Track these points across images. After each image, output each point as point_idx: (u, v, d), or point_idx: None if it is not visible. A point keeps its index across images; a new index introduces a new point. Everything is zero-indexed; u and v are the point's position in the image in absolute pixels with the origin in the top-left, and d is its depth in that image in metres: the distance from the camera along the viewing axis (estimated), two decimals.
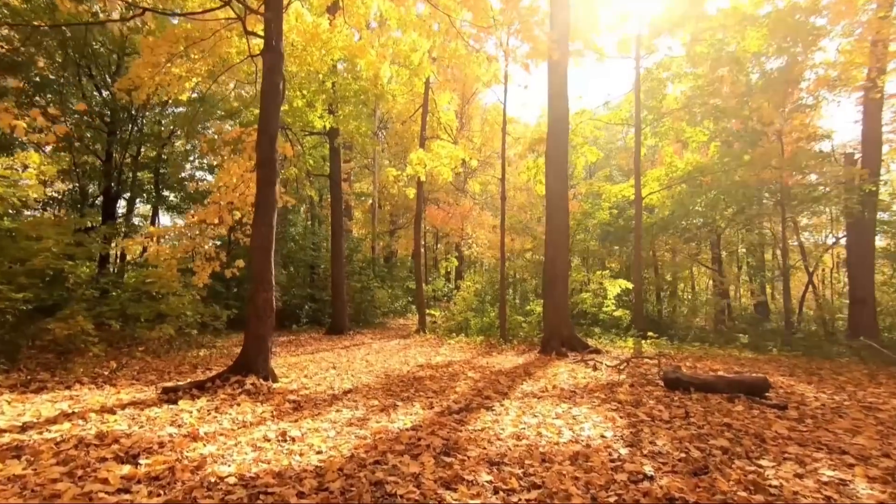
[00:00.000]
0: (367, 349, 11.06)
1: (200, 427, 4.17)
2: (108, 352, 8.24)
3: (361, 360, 9.15)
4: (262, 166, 6.42)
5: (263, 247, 6.29)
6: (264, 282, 6.21)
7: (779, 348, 11.20)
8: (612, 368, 7.49)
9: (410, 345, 11.97)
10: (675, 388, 5.89)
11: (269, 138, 6.44)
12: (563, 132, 10.67)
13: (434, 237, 30.23)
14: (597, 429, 4.33)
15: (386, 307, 19.67)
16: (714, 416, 4.73)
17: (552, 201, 10.62)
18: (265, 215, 6.34)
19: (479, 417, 4.70)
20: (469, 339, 12.42)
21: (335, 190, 14.59)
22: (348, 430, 4.26)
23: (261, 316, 6.15)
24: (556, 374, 7.14)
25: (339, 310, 14.46)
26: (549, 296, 10.46)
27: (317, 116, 13.22)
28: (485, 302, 15.59)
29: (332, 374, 7.35)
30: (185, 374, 6.96)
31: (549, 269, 10.50)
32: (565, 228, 10.59)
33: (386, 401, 5.48)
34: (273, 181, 6.43)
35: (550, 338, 10.14)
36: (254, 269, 6.27)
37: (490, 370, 7.77)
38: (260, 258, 6.26)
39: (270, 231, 6.35)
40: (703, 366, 8.02)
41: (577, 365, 8.15)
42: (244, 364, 6.07)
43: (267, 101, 6.45)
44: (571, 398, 5.55)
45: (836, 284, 22.44)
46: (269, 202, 6.39)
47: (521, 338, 12.36)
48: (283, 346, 11.47)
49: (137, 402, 5.02)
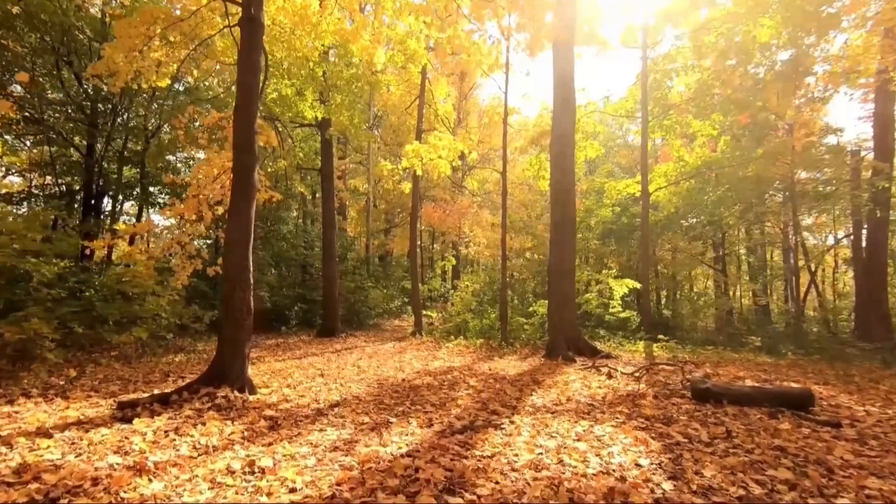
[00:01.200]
0: (360, 353, 10.33)
1: (152, 454, 3.44)
2: (74, 358, 7.49)
3: (353, 365, 8.43)
4: (240, 151, 5.69)
5: (240, 241, 5.56)
6: (241, 280, 5.49)
7: (792, 351, 10.63)
8: (628, 376, 6.81)
9: (406, 348, 11.25)
10: (705, 401, 5.22)
11: (248, 119, 5.71)
12: (569, 120, 10.01)
13: (430, 236, 29.50)
14: (629, 454, 3.63)
15: (380, 308, 18.93)
16: (760, 436, 4.06)
17: (557, 194, 9.96)
18: (242, 206, 5.61)
19: (486, 439, 4.00)
20: (468, 342, 11.73)
21: (326, 185, 13.85)
22: (331, 458, 3.55)
23: (237, 319, 5.42)
24: (568, 383, 6.44)
25: (331, 311, 13.72)
26: (554, 295, 9.79)
27: (307, 106, 12.48)
28: (484, 303, 14.88)
29: (318, 382, 6.63)
30: (153, 384, 6.21)
31: (555, 267, 9.83)
32: (572, 223, 9.92)
33: (378, 416, 4.76)
34: (252, 167, 5.70)
35: (556, 341, 9.46)
36: (229, 266, 5.54)
37: (493, 377, 7.07)
38: (236, 254, 5.53)
39: (248, 224, 5.62)
40: (724, 372, 7.36)
41: (588, 372, 7.47)
42: (217, 373, 5.33)
43: (245, 77, 5.73)
44: (590, 413, 4.85)
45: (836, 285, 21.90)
46: (248, 191, 5.67)
47: (523, 341, 11.67)
48: (269, 349, 10.73)
49: (85, 420, 4.28)
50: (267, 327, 14.99)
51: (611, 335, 12.02)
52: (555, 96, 10.16)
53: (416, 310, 13.91)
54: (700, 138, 14.36)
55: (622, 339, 11.55)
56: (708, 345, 11.74)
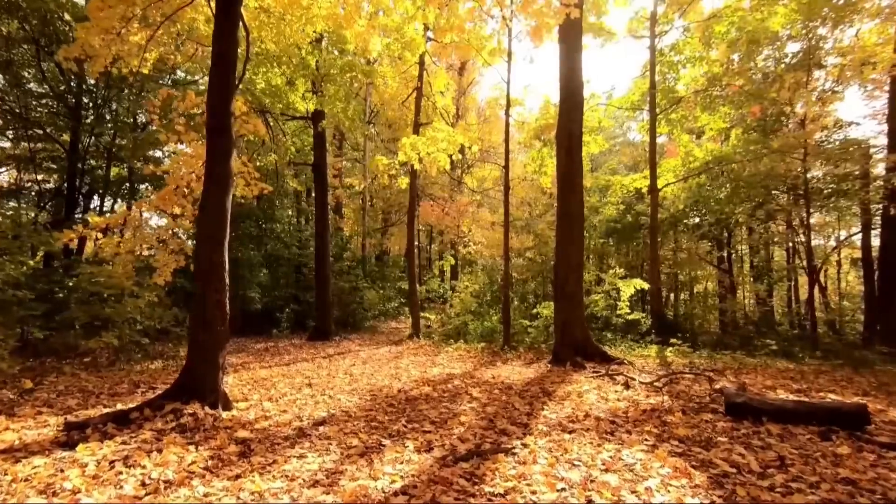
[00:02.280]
0: (353, 358, 9.68)
1: (87, 496, 2.79)
2: (36, 367, 6.81)
3: (345, 373, 7.77)
4: (215, 133, 5.04)
5: (213, 235, 4.91)
6: (214, 280, 4.83)
7: (809, 356, 10.07)
8: (647, 386, 6.17)
9: (403, 353, 10.60)
10: (741, 417, 4.59)
11: (224, 96, 5.06)
12: (577, 109, 9.38)
13: (428, 236, 28.83)
14: (671, 490, 2.99)
15: (376, 309, 18.27)
16: (819, 464, 3.43)
17: (564, 186, 9.32)
18: (216, 195, 4.96)
19: (496, 469, 3.35)
20: (468, 346, 11.09)
21: (319, 180, 13.19)
22: (310, 496, 2.90)
23: (209, 324, 4.76)
24: (582, 395, 5.80)
25: (324, 312, 13.06)
26: (560, 296, 9.15)
27: (298, 97, 11.83)
28: (484, 304, 14.24)
29: (304, 394, 5.97)
30: (118, 397, 5.54)
31: (561, 266, 9.20)
32: (579, 218, 9.29)
33: (369, 437, 4.12)
34: (228, 152, 5.05)
35: (563, 345, 8.83)
36: (201, 262, 4.89)
37: (498, 387, 6.43)
38: (208, 250, 4.87)
39: (223, 215, 4.97)
40: (750, 381, 6.73)
41: (601, 380, 6.83)
42: (186, 386, 4.67)
43: (221, 46, 5.07)
44: (614, 433, 4.22)
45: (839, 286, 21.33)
46: (223, 179, 5.01)
47: (526, 345, 11.04)
48: (256, 354, 10.06)
49: (19, 447, 3.62)
50: (257, 330, 14.33)
51: (618, 338, 11.40)
52: (561, 83, 9.53)
53: (414, 312, 13.26)
54: (709, 132, 13.76)
55: (631, 342, 10.93)
56: (720, 348, 11.14)
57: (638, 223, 17.73)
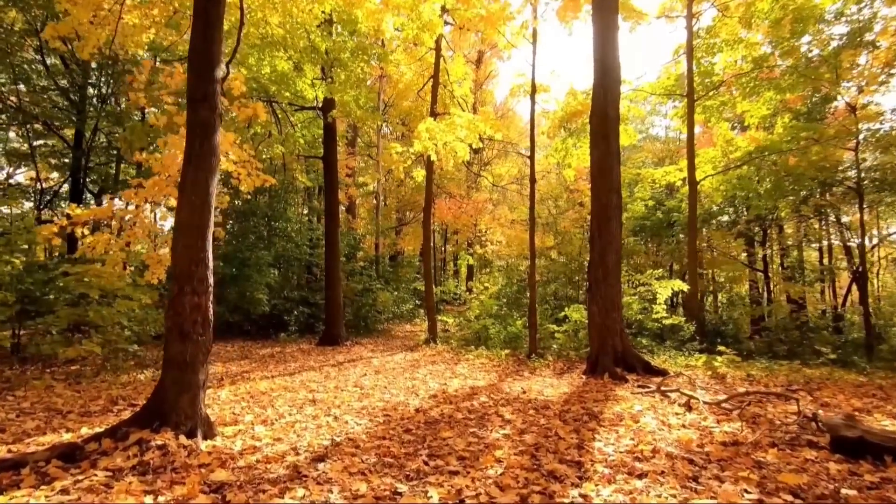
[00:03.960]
0: (365, 367, 8.80)
1: None
2: (13, 377, 6.06)
3: (354, 385, 6.89)
4: (196, 103, 4.19)
5: (194, 224, 4.05)
6: (193, 279, 3.97)
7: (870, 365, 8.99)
8: (713, 407, 5.16)
9: (419, 360, 9.70)
10: (857, 455, 3.57)
11: (207, 59, 4.21)
12: (613, 86, 8.39)
13: (442, 236, 27.90)
14: None
15: (390, 311, 17.40)
16: None
17: (599, 176, 8.34)
18: (197, 177, 4.11)
19: None
20: (491, 353, 10.13)
21: (329, 174, 12.37)
22: None
23: (186, 333, 3.90)
24: (636, 418, 4.82)
25: (334, 315, 12.23)
26: (596, 298, 8.16)
27: (307, 84, 11.02)
28: (508, 307, 13.26)
29: (307, 414, 5.08)
30: (88, 419, 4.72)
31: (597, 265, 8.20)
32: (617, 211, 8.28)
33: (381, 481, 3.21)
34: (212, 126, 4.19)
35: (600, 354, 7.84)
36: (178, 258, 4.04)
37: (533, 406, 5.48)
38: (187, 241, 4.02)
39: (206, 201, 4.11)
40: (830, 400, 5.68)
41: (651, 397, 5.83)
42: (158, 410, 3.82)
43: (203, 3, 4.22)
44: (698, 477, 3.23)
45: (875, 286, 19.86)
46: (206, 158, 4.16)
47: (554, 352, 10.06)
48: (260, 361, 9.25)
49: None
50: (264, 334, 13.58)
51: (654, 345, 10.33)
52: (596, 61, 8.55)
53: (431, 315, 12.35)
54: (749, 119, 12.60)
55: (672, 350, 9.86)
56: (769, 357, 10.03)
57: (669, 220, 16.60)
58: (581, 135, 12.82)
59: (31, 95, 14.00)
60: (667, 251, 17.68)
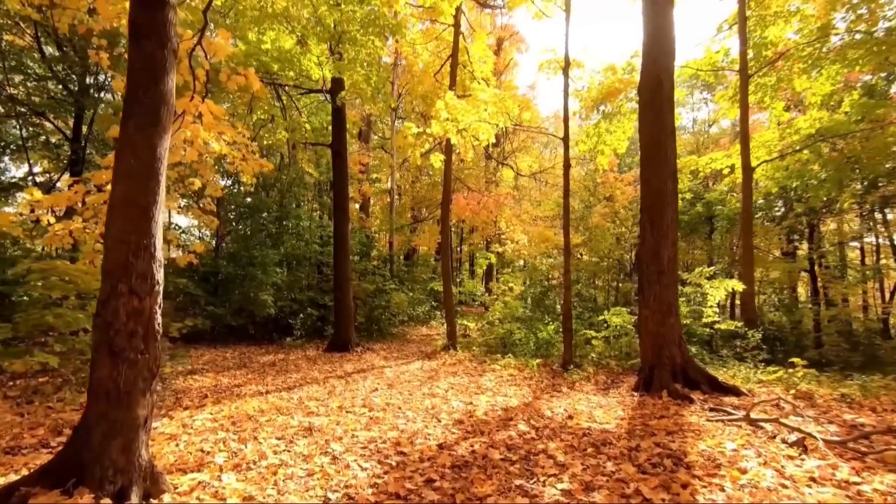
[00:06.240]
0: (377, 379, 7.64)
1: None
2: None
3: (363, 405, 5.72)
4: (138, 34, 3.07)
5: (133, 200, 2.93)
6: (131, 274, 2.84)
7: None
8: (836, 447, 3.86)
9: (438, 370, 8.51)
10: None
11: None
12: (667, 51, 7.10)
13: (458, 235, 26.66)
14: None
15: (405, 314, 16.25)
16: None
17: (651, 157, 7.06)
18: (140, 136, 2.98)
19: None
20: (519, 362, 8.89)
21: (338, 163, 11.26)
22: None
23: (119, 350, 2.77)
24: (735, 462, 3.55)
25: (343, 319, 11.11)
26: (648, 301, 6.86)
27: (313, 62, 9.94)
28: (533, 309, 12.01)
29: (297, 452, 3.92)
30: (13, 457, 3.63)
31: (649, 260, 6.91)
32: (672, 197, 6.97)
33: None
34: (160, 66, 3.07)
35: (655, 367, 6.55)
36: (110, 246, 2.91)
37: (589, 439, 4.26)
38: (124, 224, 2.90)
39: (152, 169, 2.98)
40: None
41: (738, 427, 4.55)
42: (76, 458, 2.70)
43: None
44: None
45: None
46: (152, 111, 3.03)
47: (592, 361, 8.78)
48: (257, 372, 8.16)
49: None
50: (269, 338, 12.54)
51: (705, 353, 8.98)
52: (645, 23, 7.27)
53: (450, 318, 11.15)
54: (812, 98, 11.14)
55: (730, 359, 8.51)
56: (835, 367, 8.62)
57: (710, 213, 15.19)
58: (616, 118, 11.51)
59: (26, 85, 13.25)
60: (706, 248, 16.25)
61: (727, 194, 14.34)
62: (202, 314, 12.10)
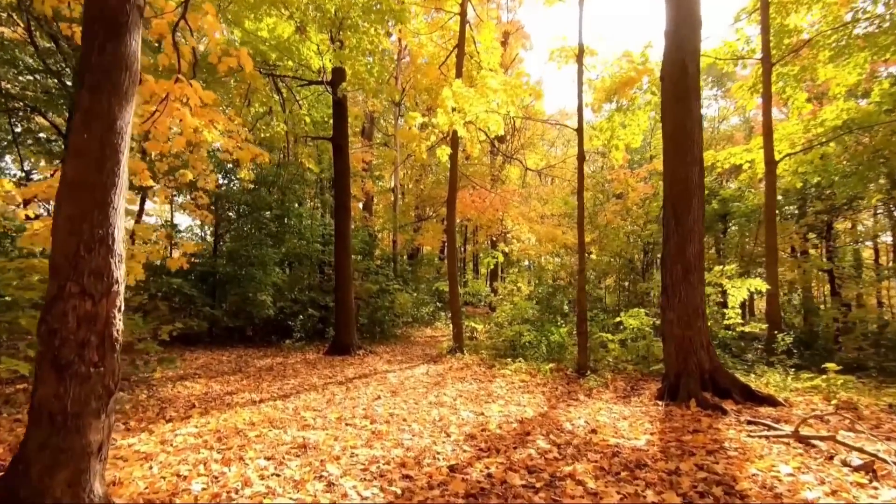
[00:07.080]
0: (379, 385, 7.15)
1: None
2: None
3: (364, 416, 5.23)
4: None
5: (86, 182, 2.44)
6: (83, 271, 2.36)
7: None
8: None
9: (445, 376, 8.01)
10: None
11: None
12: (692, 33, 6.59)
13: (462, 235, 26.15)
14: None
15: (409, 315, 15.77)
16: None
17: (675, 147, 6.55)
18: (94, 105, 2.50)
19: None
20: (530, 367, 8.38)
21: (339, 157, 10.78)
22: None
23: (67, 364, 2.29)
24: (795, 491, 3.04)
25: (345, 320, 10.63)
26: (672, 303, 6.34)
27: (312, 50, 9.46)
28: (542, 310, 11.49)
29: (287, 476, 3.42)
30: None
31: (674, 259, 6.40)
32: (699, 190, 6.46)
33: None
34: (121, 22, 2.58)
35: (682, 374, 6.03)
36: (58, 237, 2.43)
37: (620, 459, 3.75)
38: (73, 210, 2.41)
39: (110, 146, 2.50)
40: None
41: (786, 445, 4.03)
42: (13, 494, 2.21)
43: None
44: None
45: None
46: (110, 74, 2.55)
47: (608, 366, 8.26)
48: (254, 376, 7.68)
49: None
50: (267, 340, 12.08)
51: (727, 357, 8.44)
52: (668, 2, 6.76)
53: (456, 320, 10.65)
54: (837, 88, 10.57)
55: (760, 364, 7.96)
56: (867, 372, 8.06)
57: (724, 211, 14.65)
58: (630, 110, 10.98)
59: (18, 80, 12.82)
60: (731, 246, 15.70)
61: (744, 191, 13.80)
62: (198, 316, 11.65)
